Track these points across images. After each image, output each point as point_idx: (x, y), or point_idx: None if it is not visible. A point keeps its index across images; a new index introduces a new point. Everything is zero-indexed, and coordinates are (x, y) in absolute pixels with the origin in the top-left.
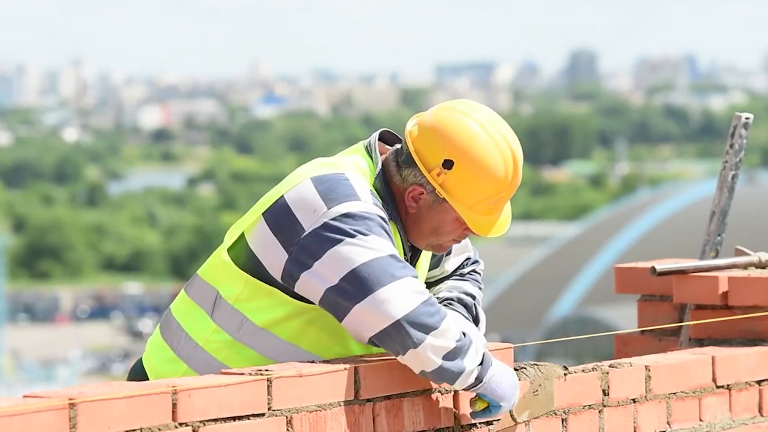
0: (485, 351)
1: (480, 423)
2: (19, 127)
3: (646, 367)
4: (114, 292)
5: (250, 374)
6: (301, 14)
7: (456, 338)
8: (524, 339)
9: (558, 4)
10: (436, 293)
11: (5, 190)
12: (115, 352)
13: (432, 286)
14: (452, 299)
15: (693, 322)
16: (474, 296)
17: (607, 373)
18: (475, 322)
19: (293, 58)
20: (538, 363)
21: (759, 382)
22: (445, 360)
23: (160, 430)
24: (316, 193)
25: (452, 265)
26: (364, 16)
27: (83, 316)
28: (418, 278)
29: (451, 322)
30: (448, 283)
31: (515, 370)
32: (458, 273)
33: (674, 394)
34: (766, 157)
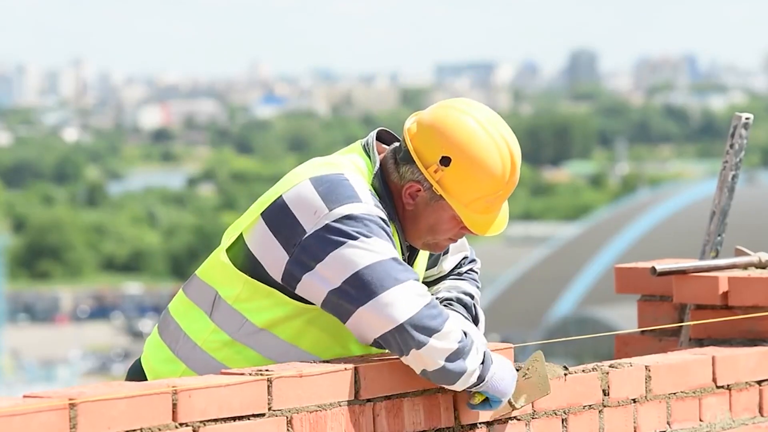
0: (486, 350)
1: (481, 423)
2: (19, 127)
3: (647, 367)
4: (114, 292)
5: (251, 374)
6: (301, 14)
7: (458, 339)
8: (524, 339)
9: (558, 4)
10: (435, 293)
11: (5, 190)
12: (115, 352)
13: (430, 285)
14: (452, 299)
15: (693, 322)
16: (473, 296)
17: (607, 373)
18: (475, 322)
19: (293, 58)
20: None
21: (759, 382)
22: (448, 361)
23: (160, 430)
24: (315, 194)
25: (450, 264)
26: (364, 16)
27: (83, 316)
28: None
29: (453, 324)
30: (447, 282)
31: (516, 370)
32: (456, 272)
33: (674, 394)
34: (766, 157)
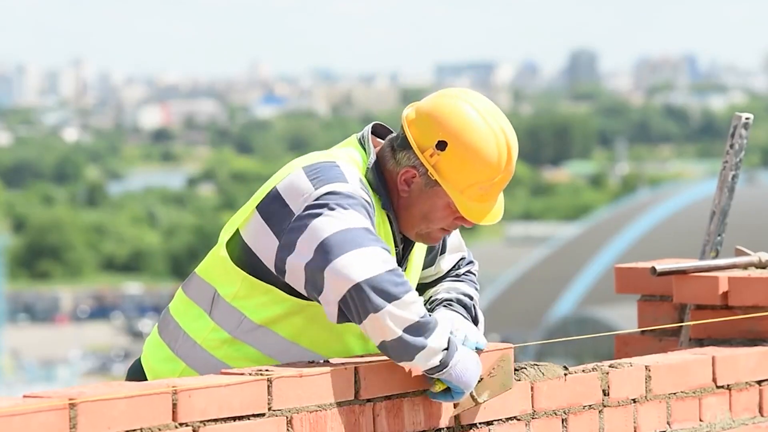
0: (452, 337)
1: (481, 423)
2: (19, 127)
3: (647, 367)
4: (114, 292)
5: (251, 374)
6: (301, 14)
7: (420, 314)
8: (524, 339)
9: (558, 4)
10: (434, 294)
11: (5, 190)
12: (115, 352)
13: (429, 286)
14: (451, 300)
15: (693, 322)
16: (472, 297)
17: (607, 373)
18: (474, 323)
19: (293, 58)
20: (538, 363)
21: (759, 382)
22: (406, 332)
23: (160, 430)
24: (306, 180)
25: (447, 264)
26: (364, 16)
27: (83, 316)
28: (412, 274)
29: (416, 297)
30: (446, 284)
31: (516, 370)
32: (454, 274)
33: (674, 394)
34: (766, 157)
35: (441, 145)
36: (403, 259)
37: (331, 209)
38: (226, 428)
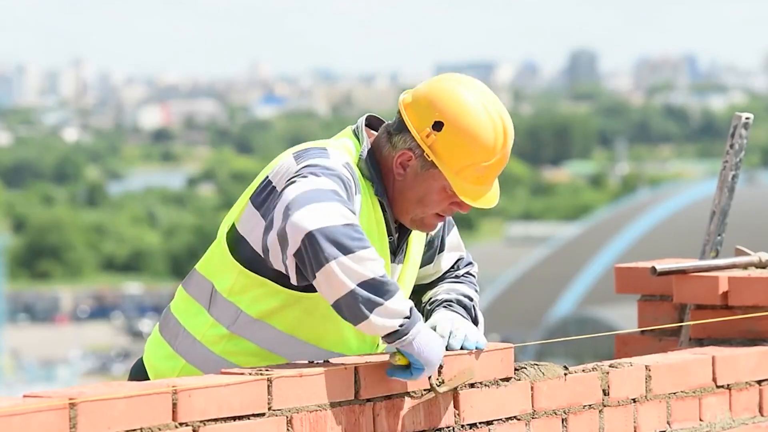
0: (414, 309)
1: (481, 423)
2: (19, 127)
3: (647, 367)
4: (114, 292)
5: (250, 374)
6: (301, 14)
7: (378, 273)
8: (524, 339)
9: (558, 4)
10: (434, 295)
11: (5, 190)
12: (115, 352)
13: (428, 287)
14: (451, 301)
15: (693, 322)
16: (472, 298)
17: (608, 373)
18: (474, 324)
19: (293, 58)
20: (538, 363)
21: (759, 382)
22: (360, 287)
23: (160, 430)
24: (293, 161)
25: (446, 263)
26: (364, 16)
27: (83, 316)
28: (410, 268)
29: (376, 257)
30: (445, 285)
31: (516, 370)
32: (453, 275)
33: (674, 394)
34: (766, 157)
35: (437, 126)
36: (399, 249)
37: (304, 177)
38: (226, 428)
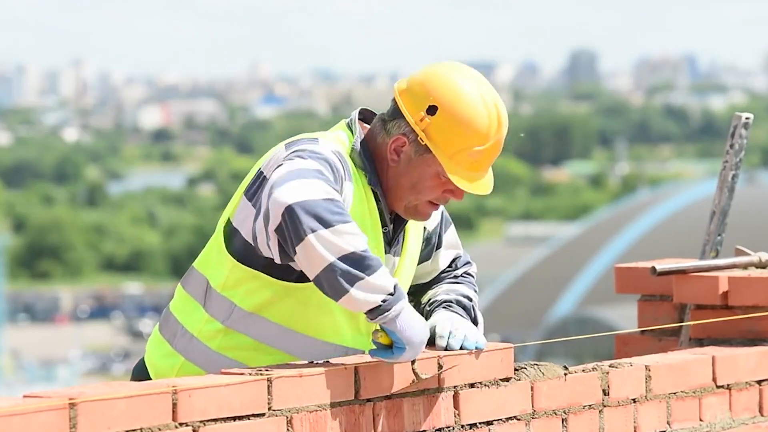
0: (399, 287)
1: (481, 423)
2: (19, 127)
3: (647, 367)
4: (114, 292)
5: (250, 374)
6: (301, 14)
7: (359, 248)
8: (524, 339)
9: (558, 4)
10: (434, 296)
11: (5, 190)
12: (115, 352)
13: (427, 287)
14: (450, 301)
15: (693, 322)
16: (471, 299)
17: (608, 373)
18: (474, 324)
19: (293, 58)
20: (538, 363)
21: (759, 382)
22: (339, 260)
23: (160, 430)
24: (284, 150)
25: (444, 260)
26: (364, 16)
27: (83, 316)
28: (407, 263)
29: (356, 231)
30: (444, 286)
31: (516, 370)
32: (452, 275)
33: (674, 394)
34: (766, 157)
35: (431, 110)
36: (394, 240)
37: (290, 160)
38: (226, 428)
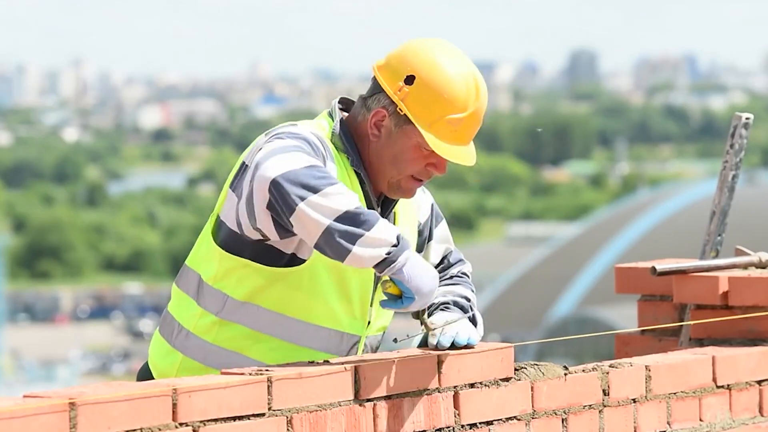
0: (403, 237)
1: (481, 423)
2: (19, 127)
3: (647, 367)
4: (114, 292)
5: (250, 374)
6: (301, 14)
7: (351, 205)
8: (524, 339)
9: (558, 4)
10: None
11: (5, 190)
12: (115, 352)
13: None
14: (448, 303)
15: (693, 322)
16: (469, 299)
17: (608, 373)
18: (473, 323)
19: (293, 58)
20: (538, 363)
21: (759, 382)
22: (335, 221)
23: (160, 430)
24: (263, 138)
25: (435, 254)
26: (364, 16)
27: (83, 316)
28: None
29: (344, 190)
30: (442, 288)
31: (516, 370)
32: (448, 275)
33: (674, 394)
34: (766, 157)
35: (409, 80)
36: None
37: (268, 142)
38: (226, 428)
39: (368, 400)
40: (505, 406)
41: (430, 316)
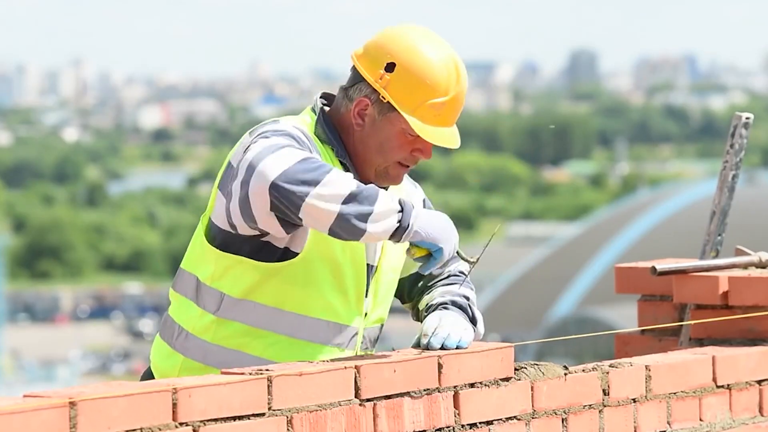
0: (403, 199)
1: (481, 423)
2: (19, 127)
3: (647, 367)
4: (114, 292)
5: (250, 374)
6: (301, 14)
7: (351, 187)
8: (524, 339)
9: (558, 4)
10: (430, 301)
11: (5, 190)
12: (115, 352)
13: (423, 291)
14: (446, 303)
15: (693, 322)
16: (468, 297)
17: (608, 373)
18: (472, 322)
19: (293, 58)
20: (538, 363)
21: (759, 382)
22: (344, 205)
23: (160, 430)
24: (248, 138)
25: None
26: (364, 16)
27: (83, 316)
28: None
29: (340, 174)
30: (439, 289)
31: (516, 370)
32: (445, 274)
33: (674, 394)
34: (766, 157)
35: (390, 67)
36: None
37: (254, 143)
38: (226, 428)
39: (368, 400)
40: (505, 406)
41: (428, 312)
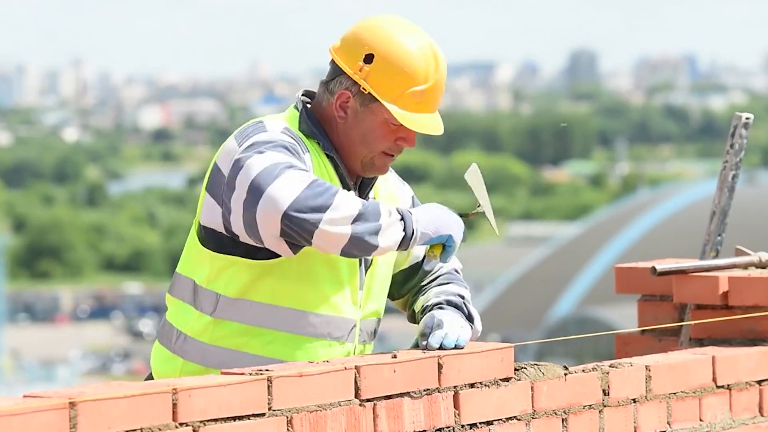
0: (397, 207)
1: (481, 423)
2: (19, 127)
3: (647, 367)
4: (114, 292)
5: (250, 374)
6: (301, 14)
7: (357, 206)
8: (524, 339)
9: (558, 4)
10: (425, 302)
11: (5, 190)
12: (115, 352)
13: (417, 292)
14: (441, 303)
15: (693, 322)
16: (463, 296)
17: (608, 373)
18: (469, 320)
19: (293, 58)
20: (538, 363)
21: (759, 382)
22: (354, 224)
23: (160, 430)
24: (234, 142)
25: (421, 248)
26: (364, 16)
27: (83, 316)
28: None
29: (346, 196)
30: (434, 289)
31: (516, 370)
32: (438, 273)
33: (674, 394)
34: (766, 157)
35: (368, 58)
36: None
37: (248, 157)
38: (226, 428)
39: (368, 400)
40: (505, 406)
41: (423, 314)
